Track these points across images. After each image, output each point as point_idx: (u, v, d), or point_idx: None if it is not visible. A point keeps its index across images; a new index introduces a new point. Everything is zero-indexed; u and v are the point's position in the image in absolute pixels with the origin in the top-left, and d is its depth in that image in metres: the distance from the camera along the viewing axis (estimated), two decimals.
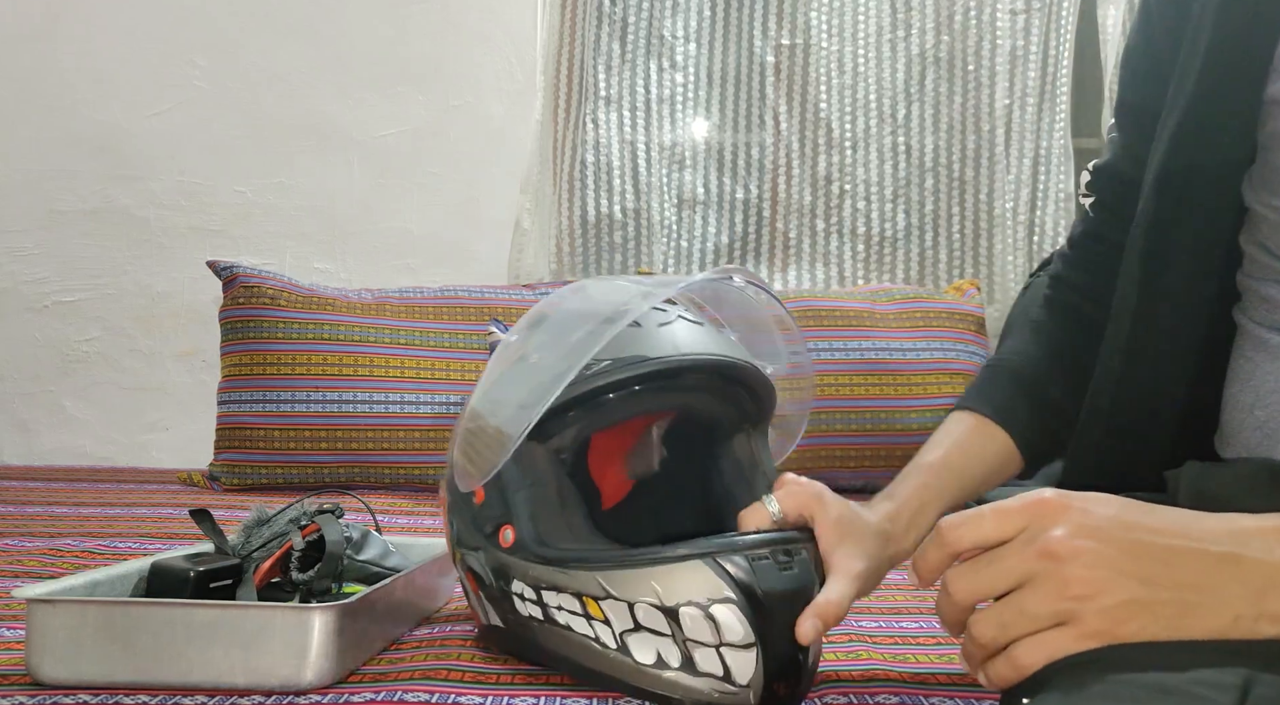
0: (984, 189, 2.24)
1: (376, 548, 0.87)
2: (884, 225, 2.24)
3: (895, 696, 0.67)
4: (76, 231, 2.17)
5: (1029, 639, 0.44)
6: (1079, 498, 0.45)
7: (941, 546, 0.48)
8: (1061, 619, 0.43)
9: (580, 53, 2.21)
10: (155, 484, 1.74)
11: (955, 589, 0.47)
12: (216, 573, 0.76)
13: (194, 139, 2.18)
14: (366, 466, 1.70)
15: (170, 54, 2.18)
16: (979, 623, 0.46)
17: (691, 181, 2.27)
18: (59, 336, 2.18)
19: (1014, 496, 0.47)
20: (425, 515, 1.46)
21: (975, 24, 2.24)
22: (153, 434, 2.17)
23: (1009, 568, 0.44)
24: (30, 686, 0.66)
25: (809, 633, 0.59)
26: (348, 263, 2.19)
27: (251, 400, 1.70)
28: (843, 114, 2.25)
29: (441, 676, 0.70)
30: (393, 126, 2.20)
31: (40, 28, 2.18)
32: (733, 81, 2.27)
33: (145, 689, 0.65)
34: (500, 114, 2.21)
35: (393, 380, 1.72)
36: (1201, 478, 0.60)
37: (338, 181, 2.19)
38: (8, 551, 1.11)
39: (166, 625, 0.65)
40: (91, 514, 1.39)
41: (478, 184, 2.19)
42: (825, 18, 2.25)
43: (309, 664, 0.65)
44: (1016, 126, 2.23)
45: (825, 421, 1.74)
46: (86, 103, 2.18)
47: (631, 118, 2.25)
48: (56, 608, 0.66)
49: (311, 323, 1.74)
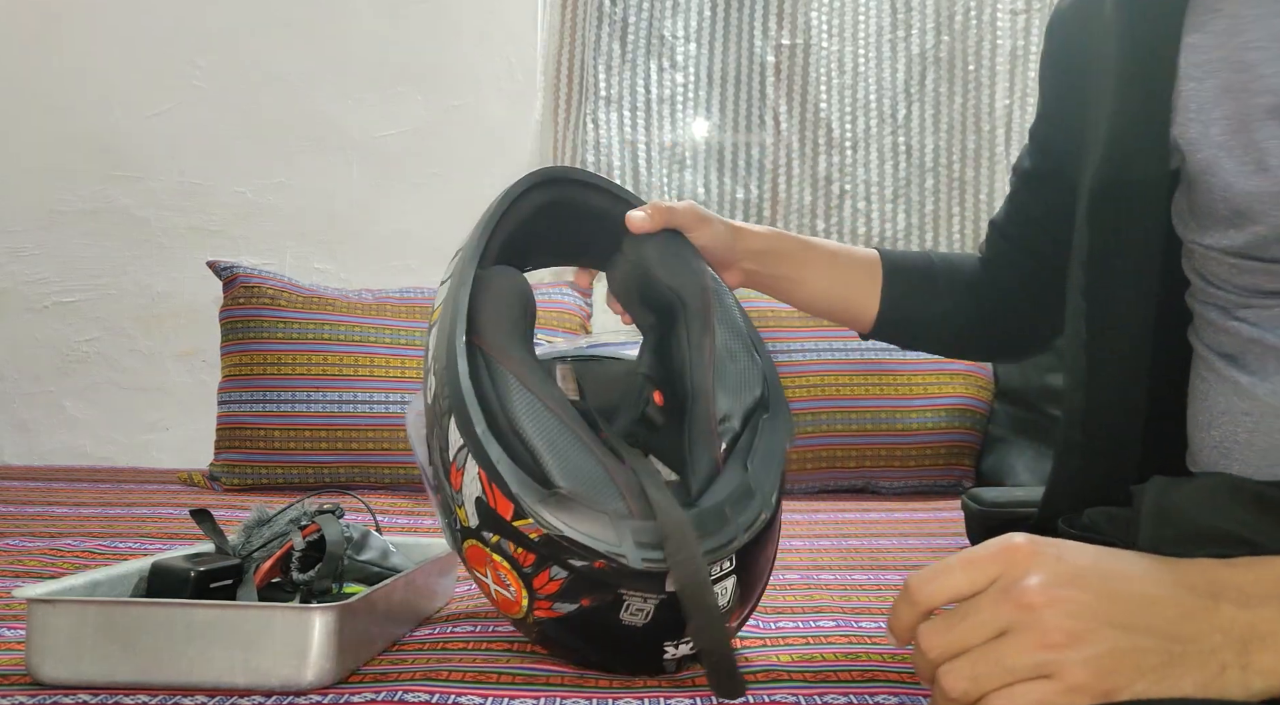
0: (984, 189, 2.24)
1: (377, 548, 0.87)
2: (884, 225, 2.24)
3: (895, 697, 0.67)
4: (76, 231, 2.17)
5: (1004, 691, 0.41)
6: (1051, 544, 0.44)
7: (913, 604, 0.46)
8: (1042, 671, 0.41)
9: (580, 53, 2.21)
10: (155, 484, 1.74)
11: (929, 646, 0.44)
12: (217, 573, 0.76)
13: (194, 139, 2.18)
14: (367, 466, 1.70)
15: (170, 54, 2.18)
16: (950, 674, 0.43)
17: (692, 181, 2.27)
18: (59, 336, 2.18)
19: (982, 544, 0.45)
20: (425, 515, 1.46)
21: (975, 24, 2.24)
22: (153, 434, 2.17)
23: (984, 620, 0.42)
24: (30, 686, 0.66)
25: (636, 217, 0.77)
26: (348, 263, 2.19)
27: (251, 400, 1.70)
28: (843, 114, 2.25)
29: (442, 677, 0.70)
30: (393, 126, 2.20)
31: (40, 28, 2.18)
32: (733, 81, 2.27)
33: (145, 689, 0.65)
34: (500, 114, 2.21)
35: (393, 380, 1.72)
36: (1164, 493, 0.60)
37: (338, 181, 2.20)
38: (8, 551, 1.11)
39: (166, 625, 0.66)
40: (91, 514, 1.39)
41: (478, 184, 2.19)
42: (825, 18, 2.25)
43: (309, 664, 0.65)
44: (1017, 126, 2.23)
45: (825, 421, 1.74)
46: (86, 103, 2.18)
47: (632, 118, 2.25)
48: (57, 608, 0.66)
49: (311, 323, 1.74)
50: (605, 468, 0.65)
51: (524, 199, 0.77)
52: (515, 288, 0.73)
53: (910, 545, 1.27)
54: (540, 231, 0.80)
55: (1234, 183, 0.59)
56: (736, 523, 0.65)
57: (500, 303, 0.71)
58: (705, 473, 0.70)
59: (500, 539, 0.66)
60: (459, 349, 0.67)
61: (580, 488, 0.63)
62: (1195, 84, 0.62)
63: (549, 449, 0.65)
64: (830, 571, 1.10)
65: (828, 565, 1.13)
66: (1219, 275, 0.63)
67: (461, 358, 0.67)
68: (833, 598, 0.97)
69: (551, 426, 0.65)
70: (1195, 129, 0.61)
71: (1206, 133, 0.61)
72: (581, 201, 0.81)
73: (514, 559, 0.66)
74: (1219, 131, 0.60)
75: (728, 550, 0.64)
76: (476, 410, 0.65)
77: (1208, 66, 0.61)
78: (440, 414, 0.68)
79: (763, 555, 0.72)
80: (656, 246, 0.80)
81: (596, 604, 0.66)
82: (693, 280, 0.78)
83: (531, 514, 0.62)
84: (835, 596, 0.97)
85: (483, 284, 0.71)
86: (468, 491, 0.66)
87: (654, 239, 0.80)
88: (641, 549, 0.62)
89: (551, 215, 0.80)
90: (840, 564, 1.15)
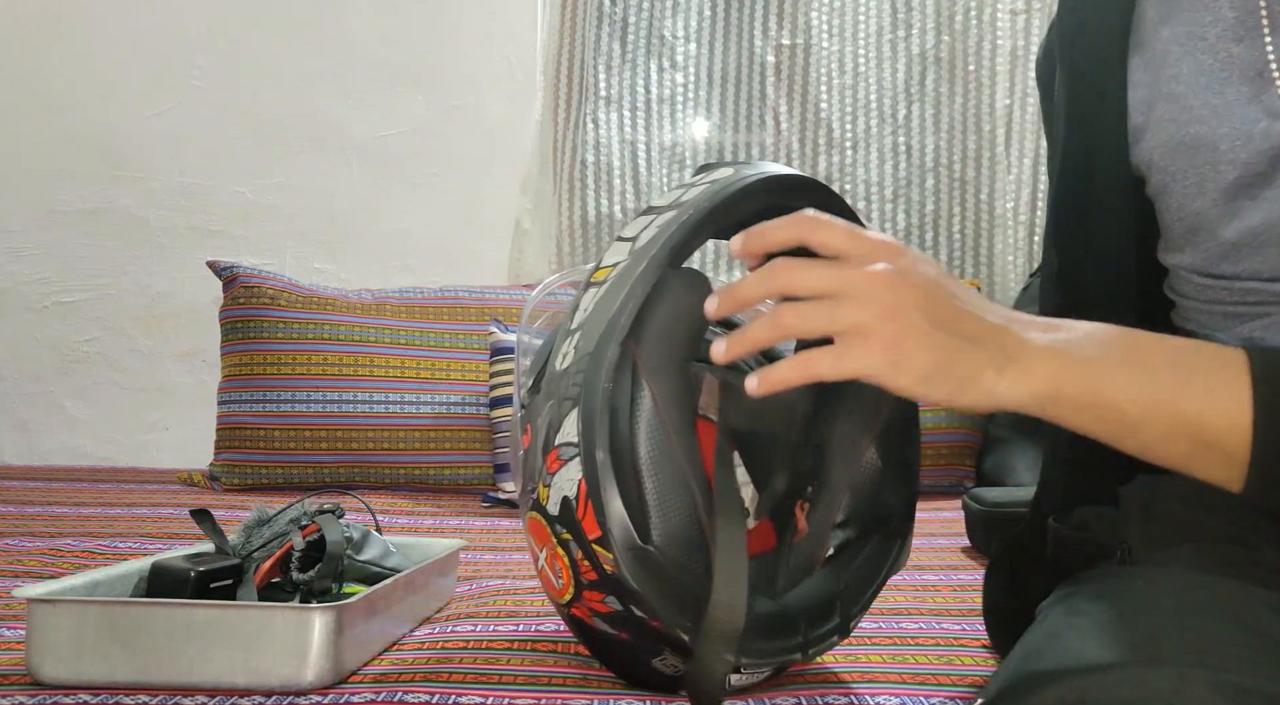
0: (984, 189, 2.24)
1: (377, 548, 0.87)
2: (884, 225, 2.24)
3: (895, 697, 0.67)
4: (76, 231, 2.17)
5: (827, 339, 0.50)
6: (915, 253, 0.53)
7: (798, 223, 0.53)
8: (857, 327, 0.49)
9: (580, 53, 2.21)
10: (155, 484, 1.74)
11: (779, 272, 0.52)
12: (217, 573, 0.76)
13: (194, 139, 2.18)
14: (367, 466, 1.70)
15: (170, 54, 2.18)
16: (788, 309, 0.51)
17: None
18: (59, 336, 2.18)
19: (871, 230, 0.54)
20: (425, 515, 1.46)
21: (975, 24, 2.24)
22: (153, 434, 2.17)
23: (840, 274, 0.51)
24: (30, 686, 0.66)
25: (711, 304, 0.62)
26: (348, 263, 2.19)
27: (251, 400, 1.70)
28: (843, 114, 2.25)
29: (443, 678, 0.70)
30: (393, 126, 2.20)
31: (40, 28, 2.18)
32: (733, 81, 2.27)
33: (145, 689, 0.65)
34: (500, 114, 2.21)
35: (393, 380, 1.72)
36: (1147, 491, 0.62)
37: (338, 181, 2.19)
38: (8, 551, 1.11)
39: (167, 625, 0.66)
40: (91, 514, 1.39)
41: (478, 184, 2.19)
42: (825, 18, 2.25)
43: (309, 664, 0.65)
44: (1017, 126, 2.23)
45: None
46: (86, 103, 2.18)
47: (632, 118, 2.24)
48: (57, 608, 0.66)
49: (311, 323, 1.74)
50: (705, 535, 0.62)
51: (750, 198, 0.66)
52: (696, 303, 0.63)
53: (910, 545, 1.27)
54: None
55: (1184, 204, 0.63)
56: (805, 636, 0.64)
57: (674, 320, 0.64)
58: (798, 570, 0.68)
59: (571, 541, 0.64)
60: (611, 352, 0.62)
61: (673, 550, 0.61)
62: (1141, 117, 0.65)
63: (658, 505, 0.62)
64: None
65: None
66: (1189, 294, 0.66)
67: (611, 363, 0.62)
68: None
69: (669, 479, 0.63)
70: (1143, 154, 0.65)
71: (1150, 159, 0.64)
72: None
73: (577, 565, 0.64)
74: (1161, 156, 0.64)
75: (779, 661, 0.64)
76: (604, 429, 0.61)
77: (1150, 99, 0.65)
78: (564, 397, 0.64)
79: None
80: None
81: (635, 643, 0.66)
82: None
83: (618, 558, 0.61)
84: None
85: (664, 291, 0.64)
86: (559, 483, 0.64)
87: None
88: None
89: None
90: None
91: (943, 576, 1.07)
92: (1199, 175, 0.61)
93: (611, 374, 0.62)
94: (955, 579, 1.06)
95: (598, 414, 0.61)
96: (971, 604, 0.93)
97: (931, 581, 1.05)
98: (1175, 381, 0.50)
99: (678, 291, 0.64)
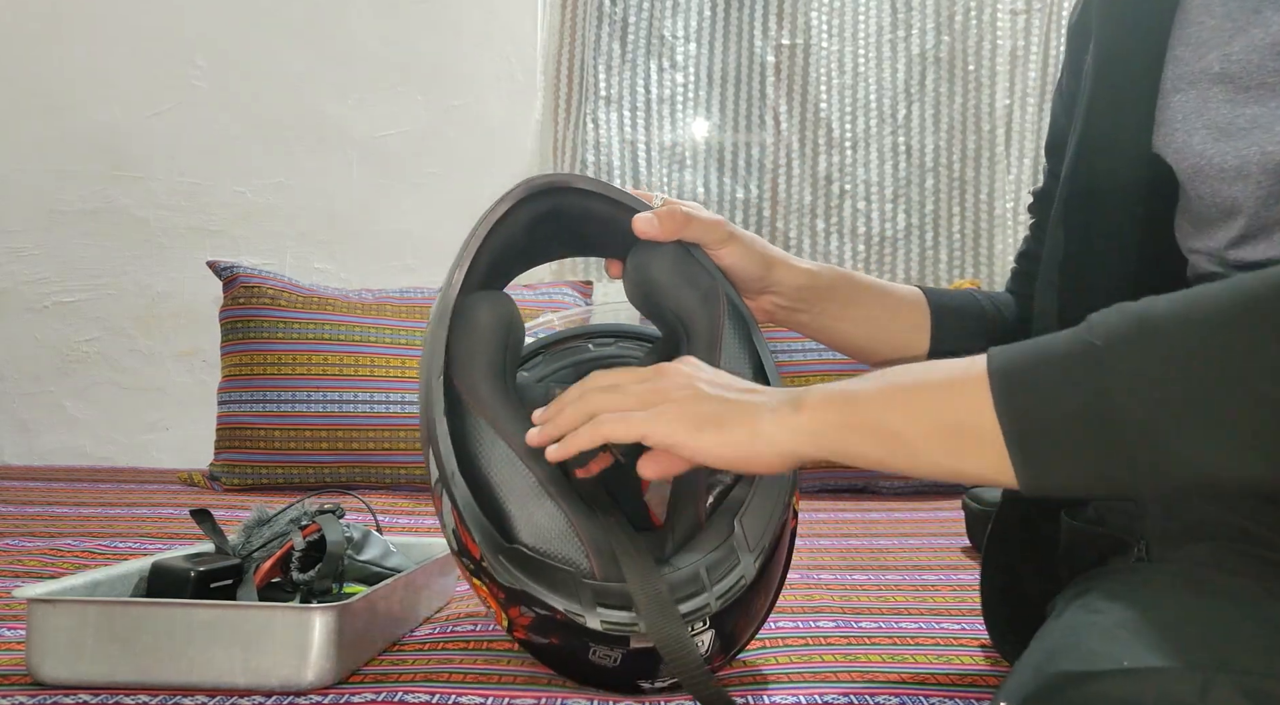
0: (984, 189, 2.24)
1: (377, 548, 0.87)
2: (884, 225, 2.24)
3: (895, 697, 0.67)
4: (76, 231, 2.17)
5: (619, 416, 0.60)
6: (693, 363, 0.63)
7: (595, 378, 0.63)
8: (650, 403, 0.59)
9: (580, 53, 2.21)
10: (155, 484, 1.73)
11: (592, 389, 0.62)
12: (217, 573, 0.76)
13: (194, 139, 2.18)
14: (367, 466, 1.70)
15: (170, 54, 2.18)
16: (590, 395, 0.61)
17: (691, 181, 2.27)
18: (59, 336, 2.18)
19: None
20: (426, 515, 1.46)
21: (975, 24, 2.24)
22: (153, 434, 2.17)
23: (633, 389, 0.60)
24: (30, 686, 0.66)
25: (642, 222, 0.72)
26: (348, 263, 2.19)
27: (251, 400, 1.70)
28: (843, 114, 2.25)
29: (443, 678, 0.70)
30: (393, 126, 2.20)
31: (41, 28, 2.18)
32: (733, 81, 2.27)
33: (145, 689, 0.65)
34: (500, 114, 2.21)
35: (393, 380, 1.72)
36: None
37: (338, 181, 2.20)
38: (8, 551, 1.11)
39: (167, 625, 0.66)
40: (91, 514, 1.39)
41: (478, 184, 2.19)
42: (825, 18, 2.25)
43: (309, 664, 0.65)
44: (1016, 126, 2.23)
45: None
46: (86, 103, 2.18)
47: (631, 118, 2.25)
48: (57, 608, 0.66)
49: (311, 323, 1.74)
50: (572, 523, 0.64)
51: (512, 215, 0.71)
52: (496, 319, 0.70)
53: (911, 545, 1.27)
54: (543, 236, 0.75)
55: (1220, 188, 0.61)
56: (711, 590, 0.64)
57: (477, 340, 0.69)
58: (686, 528, 0.68)
59: (475, 569, 0.67)
60: (436, 389, 0.66)
61: (542, 544, 0.64)
62: (1180, 96, 0.63)
63: (514, 502, 0.65)
64: (830, 571, 1.10)
65: (828, 565, 1.13)
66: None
67: (438, 399, 0.66)
68: (833, 598, 0.97)
69: (518, 479, 0.65)
70: (1180, 139, 0.63)
71: (1189, 142, 0.63)
72: (582, 208, 0.74)
73: (490, 588, 0.67)
74: (1200, 140, 0.62)
75: (697, 616, 0.63)
76: (449, 451, 0.65)
77: (1190, 77, 0.63)
78: (424, 441, 0.68)
79: (746, 612, 0.69)
80: (665, 263, 0.72)
81: (565, 645, 0.66)
82: (701, 309, 0.71)
83: (491, 566, 0.63)
84: (835, 596, 0.97)
85: (461, 318, 0.69)
86: (445, 520, 0.68)
87: (663, 253, 0.72)
88: (604, 610, 0.62)
89: (552, 221, 0.74)
90: (840, 564, 1.15)
91: (943, 576, 1.07)
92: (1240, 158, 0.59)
93: (442, 407, 0.66)
94: (955, 579, 1.06)
95: (440, 443, 0.65)
96: (971, 604, 0.93)
97: (931, 581, 1.05)
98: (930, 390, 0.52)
99: (475, 312, 0.70)
